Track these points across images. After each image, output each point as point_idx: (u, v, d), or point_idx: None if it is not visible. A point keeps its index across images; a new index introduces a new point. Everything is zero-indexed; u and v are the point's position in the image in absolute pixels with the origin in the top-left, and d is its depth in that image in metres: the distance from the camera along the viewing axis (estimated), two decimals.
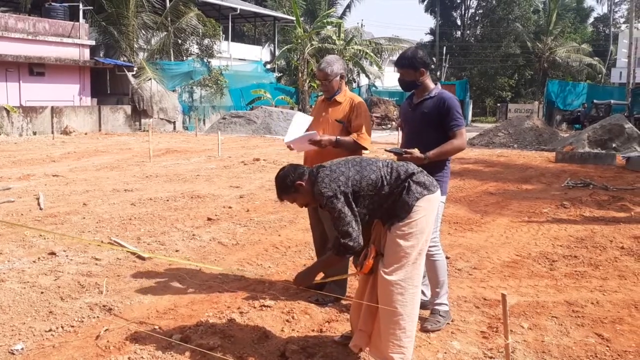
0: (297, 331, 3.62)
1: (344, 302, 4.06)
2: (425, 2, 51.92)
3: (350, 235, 2.93)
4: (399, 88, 5.12)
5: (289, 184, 3.10)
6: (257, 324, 3.68)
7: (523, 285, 4.58)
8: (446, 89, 3.93)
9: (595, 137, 16.44)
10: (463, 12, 52.46)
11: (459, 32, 52.57)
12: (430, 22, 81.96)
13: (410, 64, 3.76)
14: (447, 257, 5.35)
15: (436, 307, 3.78)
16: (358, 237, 2.95)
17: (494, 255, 5.43)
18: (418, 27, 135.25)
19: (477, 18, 51.96)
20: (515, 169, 12.38)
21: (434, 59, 46.86)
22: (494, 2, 47.75)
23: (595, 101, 28.56)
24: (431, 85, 3.82)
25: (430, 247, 3.54)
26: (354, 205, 2.97)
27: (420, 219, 3.02)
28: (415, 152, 3.66)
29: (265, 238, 6.00)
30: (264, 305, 3.98)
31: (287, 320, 3.74)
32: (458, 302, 4.21)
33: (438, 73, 46.40)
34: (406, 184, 3.04)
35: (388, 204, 3.04)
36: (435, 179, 3.31)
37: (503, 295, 2.75)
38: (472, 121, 35.38)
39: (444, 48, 45.57)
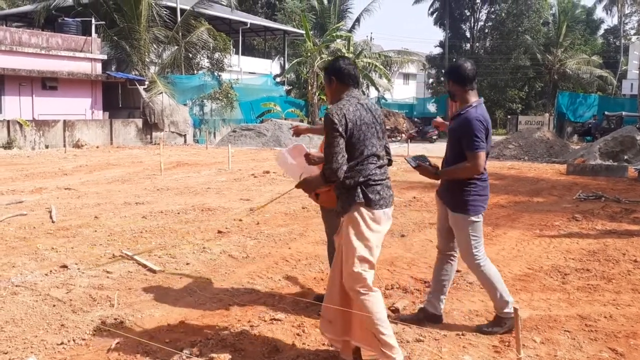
0: (308, 345, 3.61)
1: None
2: (435, 15, 52.10)
3: (331, 163, 3.08)
4: (408, 100, 5.16)
5: (331, 69, 3.39)
6: (268, 337, 3.69)
7: (535, 298, 4.54)
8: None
9: (606, 149, 16.35)
10: (472, 24, 52.54)
11: (468, 45, 52.59)
12: (439, 34, 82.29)
13: (448, 74, 3.86)
14: (458, 271, 5.34)
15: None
16: (339, 169, 3.09)
17: (505, 269, 5.39)
18: (427, 39, 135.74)
19: (486, 30, 51.99)
20: (526, 182, 12.32)
21: (443, 71, 46.91)
22: (503, 14, 47.79)
23: (606, 113, 28.42)
24: (470, 100, 3.79)
25: (477, 259, 3.75)
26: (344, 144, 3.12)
27: (351, 227, 3.18)
28: (429, 166, 3.71)
29: (275, 251, 6.01)
30: (275, 319, 3.97)
31: (298, 334, 3.74)
32: (470, 315, 4.19)
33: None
34: (354, 181, 3.17)
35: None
36: (459, 196, 3.58)
37: (515, 309, 2.74)
38: None
39: (454, 60, 45.60)
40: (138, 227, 6.98)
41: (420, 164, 3.85)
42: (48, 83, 21.70)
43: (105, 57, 23.73)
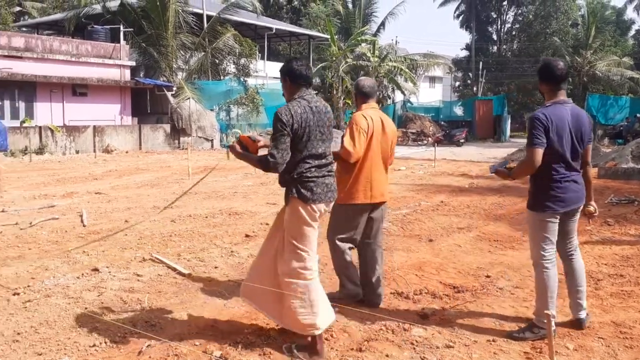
0: (336, 349, 3.61)
1: (378, 320, 4.03)
2: (461, 18, 51.70)
3: (276, 159, 3.37)
4: (435, 104, 5.24)
5: (284, 70, 3.61)
6: (295, 341, 3.68)
7: (567, 304, 4.45)
8: (483, 104, 3.95)
9: (638, 152, 15.97)
10: (499, 27, 51.96)
11: (495, 47, 52.04)
12: (465, 37, 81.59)
13: (538, 72, 3.94)
14: (487, 276, 5.28)
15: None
16: (282, 164, 3.40)
17: None
18: (454, 42, 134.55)
19: (513, 33, 51.36)
20: None
21: (470, 74, 46.53)
22: (530, 16, 47.17)
23: (638, 115, 27.77)
24: (551, 99, 3.86)
25: (543, 260, 3.81)
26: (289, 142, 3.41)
27: (288, 217, 3.54)
28: (504, 168, 4.01)
29: None
30: None
31: (326, 339, 3.73)
32: (500, 321, 4.13)
33: (475, 88, 45.96)
34: (290, 177, 3.49)
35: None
36: (531, 194, 3.85)
37: (547, 315, 2.68)
38: (511, 136, 34.82)
39: (480, 63, 45.15)
40: (167, 230, 7.07)
41: (498, 169, 4.04)
42: (78, 89, 22.13)
43: (133, 63, 24.11)
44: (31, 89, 20.98)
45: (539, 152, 3.67)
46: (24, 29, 31.06)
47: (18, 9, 34.16)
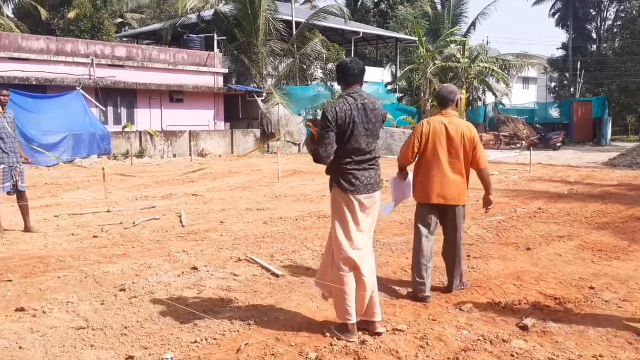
0: (432, 358, 3.53)
1: (476, 330, 3.91)
2: (557, 17, 49.38)
3: (323, 152, 3.71)
4: (529, 105, 5.18)
5: (336, 70, 3.95)
6: (391, 347, 3.65)
7: None
8: (582, 106, 3.72)
9: None
10: (599, 24, 49.13)
11: (594, 46, 49.24)
12: (562, 36, 77.69)
13: None
14: (591, 288, 4.98)
15: None
16: (328, 157, 3.73)
17: None
18: (549, 42, 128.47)
19: (615, 30, 48.35)
20: None
21: (567, 74, 44.30)
22: (634, 12, 44.19)
23: None
24: None
25: None
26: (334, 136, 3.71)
27: (331, 204, 3.94)
28: None
29: (393, 260, 5.96)
30: (397, 329, 3.93)
31: (422, 347, 3.66)
32: (608, 336, 3.88)
33: (572, 89, 43.69)
34: (333, 168, 3.83)
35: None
36: None
37: None
38: (612, 140, 32.76)
39: (578, 63, 42.85)
40: (260, 232, 7.25)
41: None
42: (175, 96, 23.26)
43: (226, 71, 25.01)
44: (132, 96, 22.31)
45: None
46: (125, 39, 33.07)
47: (120, 20, 36.45)
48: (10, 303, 4.50)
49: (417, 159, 4.76)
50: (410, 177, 4.89)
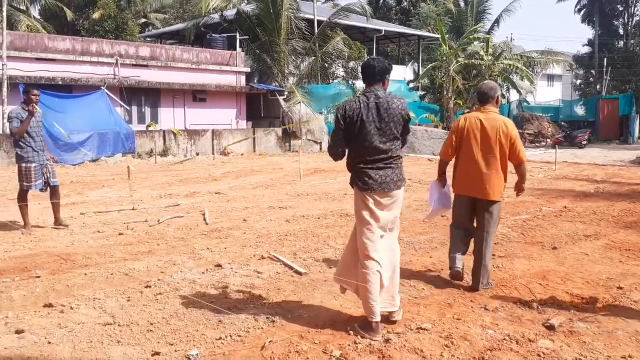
0: (457, 358, 3.50)
1: (501, 329, 3.86)
2: (582, 13, 48.56)
3: (330, 147, 4.01)
4: (554, 103, 5.22)
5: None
6: (415, 346, 3.63)
7: None
8: (608, 104, 3.65)
9: None
10: (626, 20, 48.15)
11: (621, 42, 48.29)
12: (588, 33, 76.35)
13: None
14: (619, 288, 4.90)
15: None
16: (335, 154, 3.96)
17: None
18: (574, 39, 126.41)
19: None
20: None
21: (592, 71, 43.54)
22: None
23: None
24: None
25: None
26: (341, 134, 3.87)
27: (354, 201, 4.02)
28: None
29: (416, 259, 5.92)
30: (421, 328, 3.91)
31: (447, 346, 3.64)
32: (637, 337, 3.81)
33: (598, 87, 42.93)
34: (349, 166, 3.95)
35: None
36: None
37: None
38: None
39: (605, 60, 42.06)
40: (283, 230, 7.27)
41: None
42: (198, 95, 23.45)
43: (248, 70, 25.12)
44: (156, 96, 22.55)
45: None
46: (148, 39, 33.42)
47: (143, 20, 36.85)
48: (38, 299, 4.58)
49: (457, 153, 4.94)
50: (449, 186, 5.09)
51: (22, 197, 7.30)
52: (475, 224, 4.98)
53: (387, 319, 3.98)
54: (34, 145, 7.21)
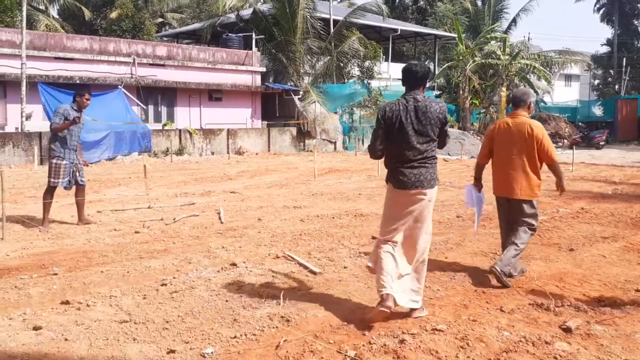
0: (473, 359, 3.48)
1: (517, 331, 3.83)
2: (601, 12, 48.01)
3: (370, 145, 4.20)
4: (571, 103, 5.36)
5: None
6: (430, 347, 3.61)
7: None
8: (627, 104, 3.61)
9: None
10: None
11: None
12: (606, 32, 75.41)
13: None
14: (637, 290, 4.83)
15: None
16: (375, 151, 4.17)
17: None
18: (592, 38, 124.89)
19: None
20: None
21: (611, 71, 42.99)
22: None
23: None
24: None
25: None
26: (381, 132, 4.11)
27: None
28: None
29: (431, 260, 5.88)
30: (436, 329, 3.89)
31: (462, 347, 3.62)
32: None
33: (617, 87, 42.40)
34: (385, 163, 4.25)
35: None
36: None
37: None
38: None
39: (624, 59, 41.54)
40: (297, 229, 7.28)
41: None
42: (214, 95, 23.58)
43: (264, 69, 25.19)
44: (172, 95, 22.70)
45: None
46: (165, 38, 33.66)
47: (160, 20, 37.13)
48: (55, 296, 4.64)
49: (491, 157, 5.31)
50: (483, 191, 5.45)
51: (49, 194, 7.44)
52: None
53: (408, 314, 4.16)
54: (69, 142, 7.40)
